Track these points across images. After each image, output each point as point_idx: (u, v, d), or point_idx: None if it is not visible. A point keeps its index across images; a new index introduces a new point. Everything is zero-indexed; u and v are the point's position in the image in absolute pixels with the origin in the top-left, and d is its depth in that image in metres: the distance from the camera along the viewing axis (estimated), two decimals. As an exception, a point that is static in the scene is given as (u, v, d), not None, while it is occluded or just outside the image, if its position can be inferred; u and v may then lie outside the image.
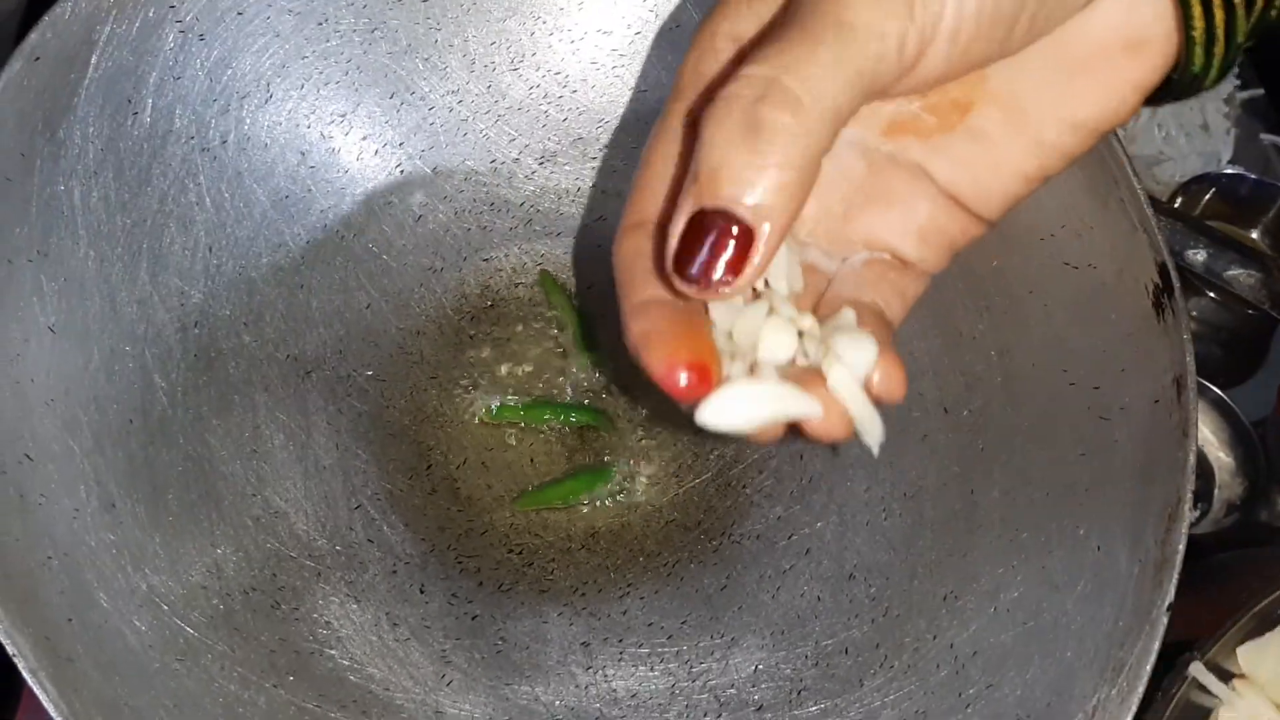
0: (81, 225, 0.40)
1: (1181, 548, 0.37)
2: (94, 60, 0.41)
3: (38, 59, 0.40)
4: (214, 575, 0.38)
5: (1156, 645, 0.36)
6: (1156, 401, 0.40)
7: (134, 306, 0.41)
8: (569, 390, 0.47)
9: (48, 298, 0.39)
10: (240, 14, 0.44)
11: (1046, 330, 0.44)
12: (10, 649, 0.31)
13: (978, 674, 0.39)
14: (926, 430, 0.45)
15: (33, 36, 0.39)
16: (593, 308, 0.48)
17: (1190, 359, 0.39)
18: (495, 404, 0.47)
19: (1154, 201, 0.46)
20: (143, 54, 0.42)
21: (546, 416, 0.46)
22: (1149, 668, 0.36)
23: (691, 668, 0.41)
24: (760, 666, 0.41)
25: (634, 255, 0.31)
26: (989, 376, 0.45)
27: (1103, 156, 0.43)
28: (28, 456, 0.36)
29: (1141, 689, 0.36)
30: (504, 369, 0.47)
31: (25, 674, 0.31)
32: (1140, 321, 0.41)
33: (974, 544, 0.42)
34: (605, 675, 0.41)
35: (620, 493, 0.46)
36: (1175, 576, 0.36)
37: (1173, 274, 0.41)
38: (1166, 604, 0.36)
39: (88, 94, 0.41)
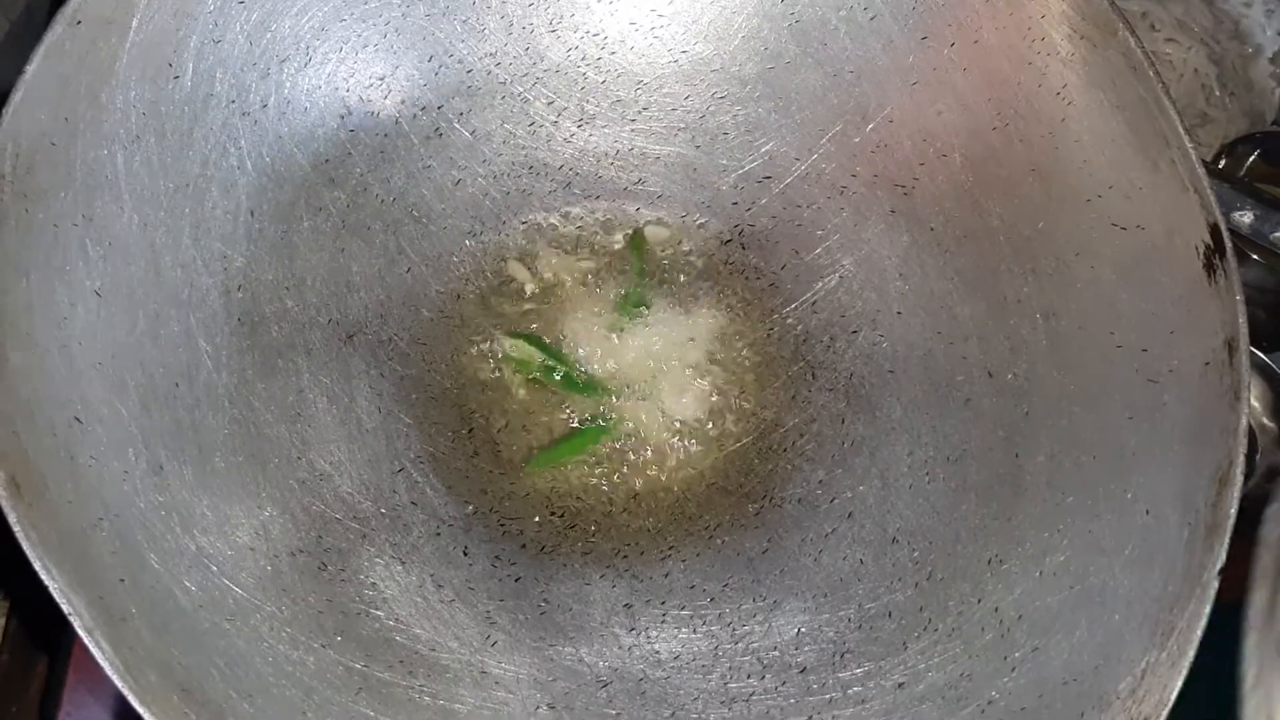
0: (125, 190, 0.40)
1: (1233, 512, 0.36)
2: (134, 24, 0.41)
3: (79, 22, 0.39)
4: (261, 537, 0.39)
5: (1207, 609, 0.36)
6: (1207, 364, 0.39)
7: (178, 271, 0.41)
8: (612, 354, 0.47)
9: (93, 262, 0.39)
10: (279, -23, 0.44)
11: (1094, 293, 0.43)
12: (66, 608, 0.31)
13: (1023, 638, 0.38)
14: (970, 394, 0.44)
15: (73, 1, 0.39)
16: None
17: (1243, 321, 0.39)
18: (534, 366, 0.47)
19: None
20: (183, 17, 0.42)
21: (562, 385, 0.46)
22: (1199, 632, 0.35)
23: (734, 630, 0.41)
24: (803, 629, 0.41)
25: None
26: (1034, 340, 0.44)
27: (1153, 115, 0.43)
28: (77, 419, 0.36)
29: (1192, 653, 0.35)
30: (542, 332, 0.47)
31: (81, 632, 0.31)
32: (1191, 283, 0.40)
33: (1019, 508, 0.41)
34: (648, 637, 0.41)
35: (660, 455, 0.46)
36: (1226, 540, 0.36)
37: (1225, 235, 0.40)
38: (1218, 568, 0.36)
39: (129, 58, 0.41)
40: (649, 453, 0.46)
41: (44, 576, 0.31)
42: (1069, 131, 0.44)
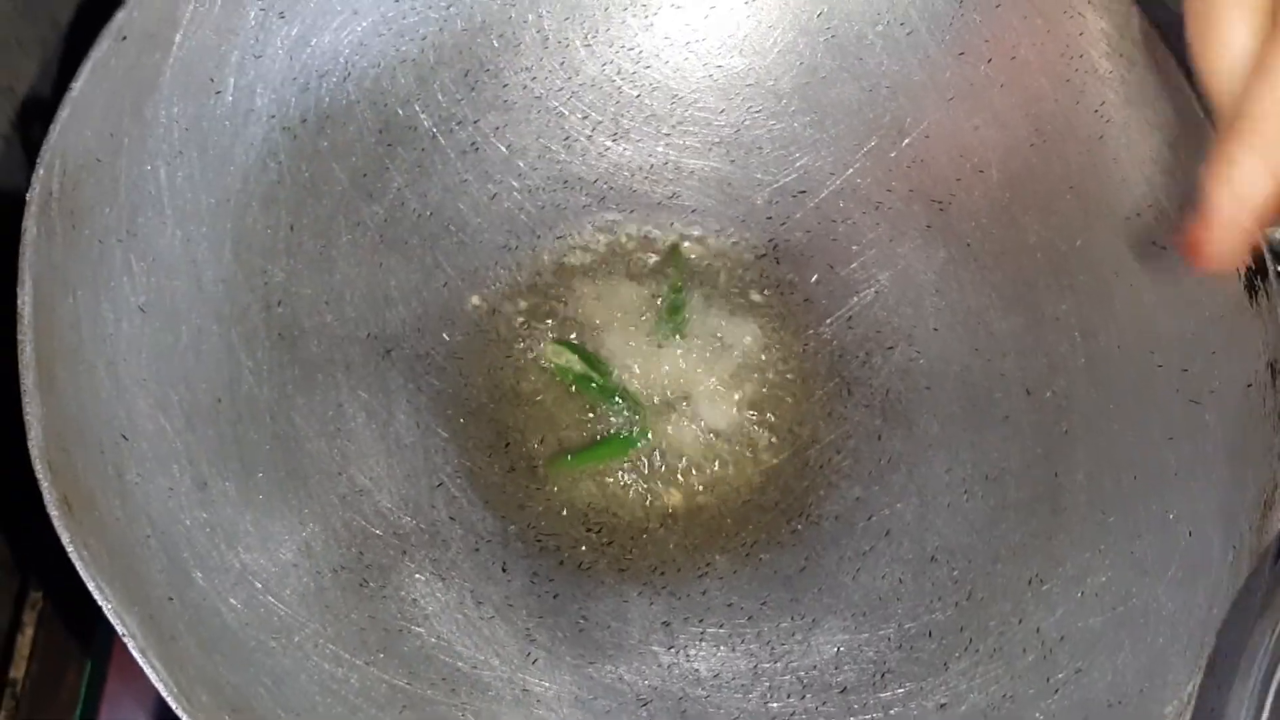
0: (168, 205, 0.40)
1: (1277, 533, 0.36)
2: (178, 39, 0.41)
3: (124, 38, 0.40)
4: (304, 553, 0.39)
5: (1253, 633, 0.36)
6: (1249, 385, 0.39)
7: (219, 285, 0.41)
8: (648, 368, 0.47)
9: (137, 277, 0.39)
10: (319, -9, 0.44)
11: (1133, 311, 0.43)
12: (120, 629, 0.31)
13: (1066, 659, 0.38)
14: (1008, 411, 0.44)
15: (120, 16, 0.40)
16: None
17: (1286, 342, 0.39)
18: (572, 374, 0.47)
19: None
20: (225, 32, 0.42)
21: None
22: (1245, 655, 0.35)
23: (773, 649, 0.41)
24: (842, 649, 0.41)
25: None
26: (1073, 358, 0.44)
27: (1193, 136, 0.43)
28: (124, 436, 0.36)
29: (1238, 677, 0.35)
30: (579, 343, 0.47)
31: (135, 653, 0.31)
32: (1232, 304, 0.40)
33: (1059, 527, 0.41)
34: (687, 655, 0.41)
35: (696, 471, 0.46)
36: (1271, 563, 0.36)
37: (1267, 255, 0.40)
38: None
39: (172, 73, 0.41)
40: (685, 468, 0.46)
41: (97, 596, 0.32)
42: (1107, 149, 0.44)
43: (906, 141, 0.47)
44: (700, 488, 0.46)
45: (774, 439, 0.46)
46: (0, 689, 0.43)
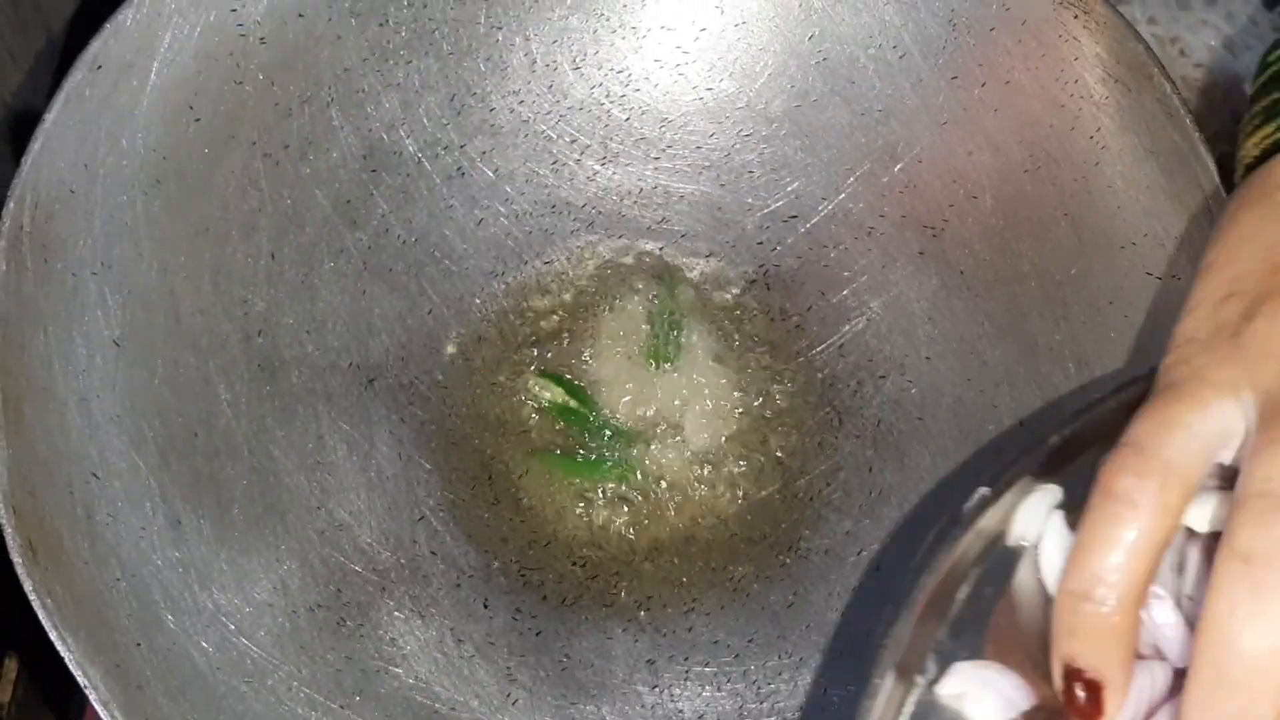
0: (144, 236, 0.40)
1: None
2: (155, 67, 0.40)
3: (99, 67, 0.39)
4: (280, 592, 0.38)
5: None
6: (1246, 421, 0.38)
7: (197, 317, 0.41)
8: (636, 397, 0.46)
9: (111, 310, 0.38)
10: (302, 16, 0.43)
11: (1128, 341, 0.42)
12: (82, 680, 0.31)
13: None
14: (1002, 444, 0.44)
15: (95, 45, 0.39)
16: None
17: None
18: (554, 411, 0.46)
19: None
20: (203, 59, 0.41)
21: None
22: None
23: (759, 689, 0.41)
24: (830, 689, 0.40)
25: None
26: (1066, 388, 0.43)
27: (1188, 161, 0.42)
28: (95, 475, 0.36)
29: None
30: (565, 374, 0.47)
31: (97, 705, 0.31)
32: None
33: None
34: (671, 695, 0.40)
35: (683, 502, 0.45)
36: None
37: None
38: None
39: (149, 102, 0.40)
40: (672, 499, 0.45)
41: (60, 647, 0.31)
42: (1102, 176, 0.44)
43: (899, 166, 0.47)
44: (687, 519, 0.45)
45: (764, 469, 0.46)
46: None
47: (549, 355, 0.47)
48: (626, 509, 0.45)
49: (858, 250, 0.47)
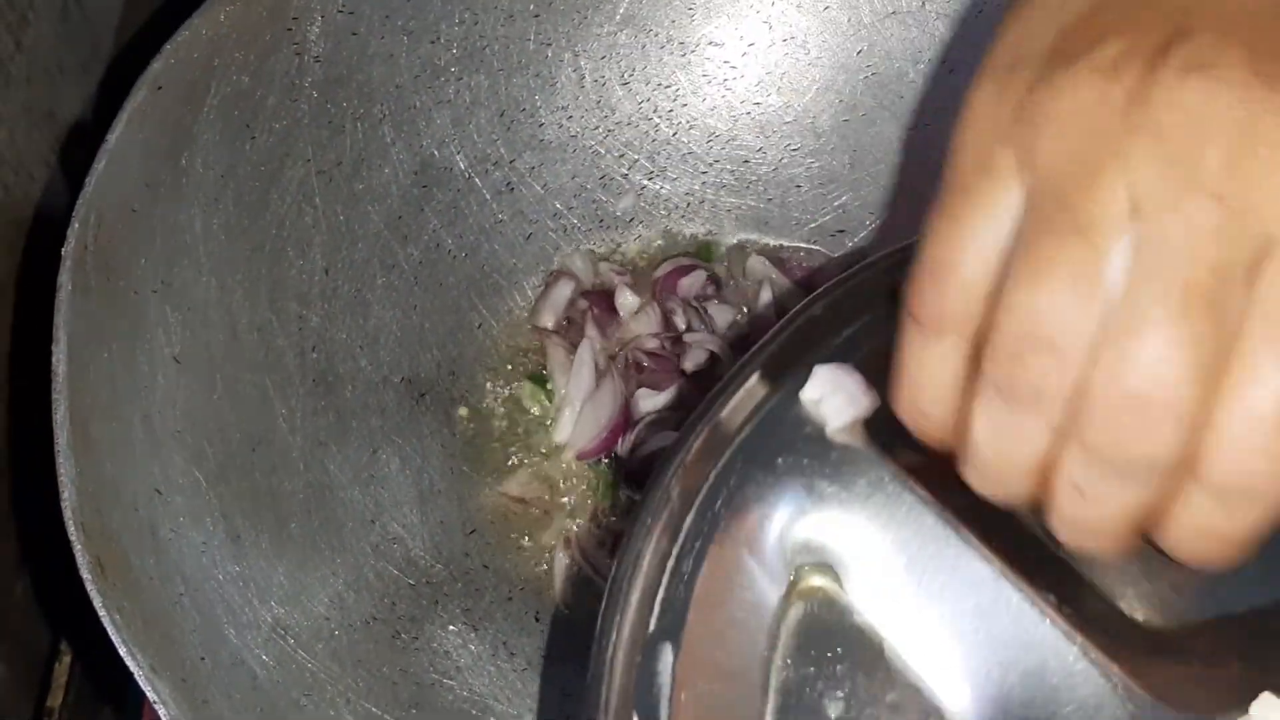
0: (203, 253, 0.40)
1: None
2: (213, 86, 0.41)
3: (160, 88, 0.40)
4: (336, 605, 0.39)
5: None
6: None
7: (254, 333, 0.41)
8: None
9: (172, 328, 0.39)
10: (355, 35, 0.44)
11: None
12: (152, 695, 0.31)
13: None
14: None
15: (155, 65, 0.40)
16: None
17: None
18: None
19: None
20: (260, 78, 0.42)
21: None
22: None
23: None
24: None
25: None
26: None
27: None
28: (158, 491, 0.36)
29: None
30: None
31: (166, 720, 0.31)
32: None
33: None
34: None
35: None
36: None
37: None
38: None
39: (208, 120, 0.41)
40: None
41: (130, 663, 0.32)
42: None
43: (947, 181, 0.47)
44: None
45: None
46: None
47: (597, 369, 0.47)
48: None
49: (905, 265, 0.47)
